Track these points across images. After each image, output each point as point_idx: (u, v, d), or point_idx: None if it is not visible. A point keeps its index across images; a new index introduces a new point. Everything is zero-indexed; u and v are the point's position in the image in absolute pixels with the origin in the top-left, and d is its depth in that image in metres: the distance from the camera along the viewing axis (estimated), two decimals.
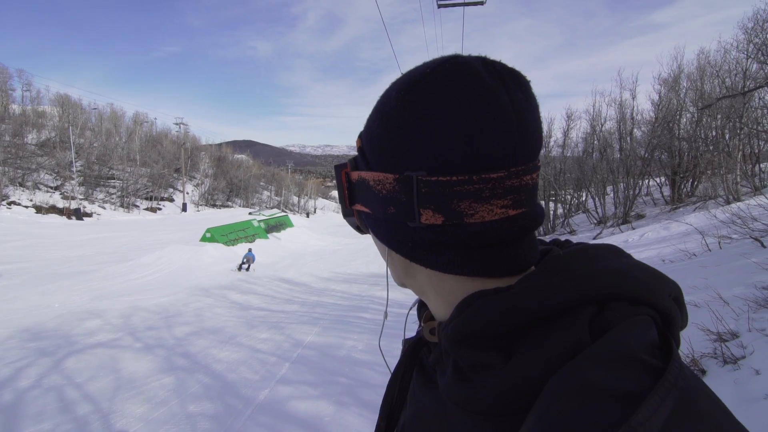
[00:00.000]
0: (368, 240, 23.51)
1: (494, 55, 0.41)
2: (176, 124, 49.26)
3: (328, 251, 17.27)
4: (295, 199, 67.64)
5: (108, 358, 5.09)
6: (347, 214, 0.49)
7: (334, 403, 3.90)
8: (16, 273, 10.54)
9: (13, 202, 26.89)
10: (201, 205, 46.39)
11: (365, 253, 16.29)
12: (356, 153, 0.47)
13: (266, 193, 64.17)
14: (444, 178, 0.36)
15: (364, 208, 0.45)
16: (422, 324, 0.51)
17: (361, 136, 0.45)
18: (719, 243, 6.05)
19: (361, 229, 0.50)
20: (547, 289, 0.35)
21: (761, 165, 13.30)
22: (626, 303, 0.35)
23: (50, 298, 8.16)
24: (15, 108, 39.53)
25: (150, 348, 5.54)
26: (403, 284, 0.48)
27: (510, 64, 0.40)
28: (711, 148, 12.57)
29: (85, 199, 32.91)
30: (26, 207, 27.15)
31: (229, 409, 3.85)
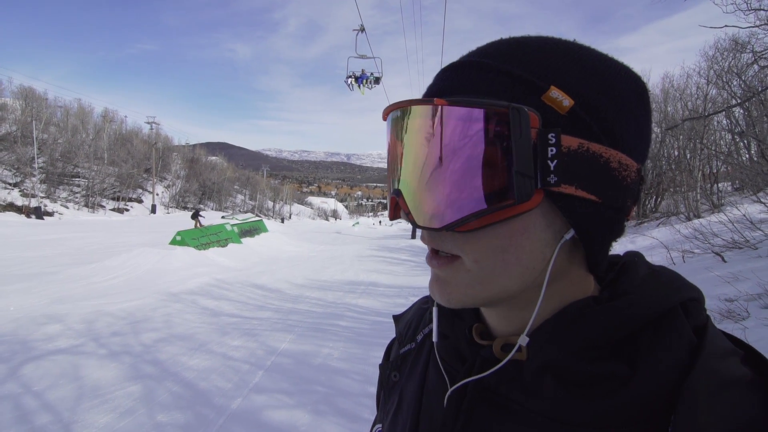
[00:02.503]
0: (343, 247, 22.94)
1: None
2: (148, 123, 47.60)
3: (302, 257, 17.04)
4: (270, 203, 66.67)
5: (69, 365, 4.82)
6: (526, 196, 0.32)
7: (310, 412, 3.83)
8: None
9: None
10: (171, 207, 45.02)
11: (340, 260, 16.17)
12: (529, 109, 0.32)
13: (240, 197, 62.96)
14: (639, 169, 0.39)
15: (585, 194, 0.34)
16: (477, 340, 0.45)
17: (580, 94, 0.34)
18: (683, 257, 6.35)
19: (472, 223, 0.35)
20: (655, 297, 0.37)
21: (719, 184, 14.08)
22: (697, 303, 0.39)
23: (5, 300, 7.67)
24: None
25: (115, 355, 5.28)
26: (511, 292, 0.38)
27: None
28: (673, 167, 13.22)
29: (47, 197, 31.32)
30: None
31: (201, 418, 3.71)
